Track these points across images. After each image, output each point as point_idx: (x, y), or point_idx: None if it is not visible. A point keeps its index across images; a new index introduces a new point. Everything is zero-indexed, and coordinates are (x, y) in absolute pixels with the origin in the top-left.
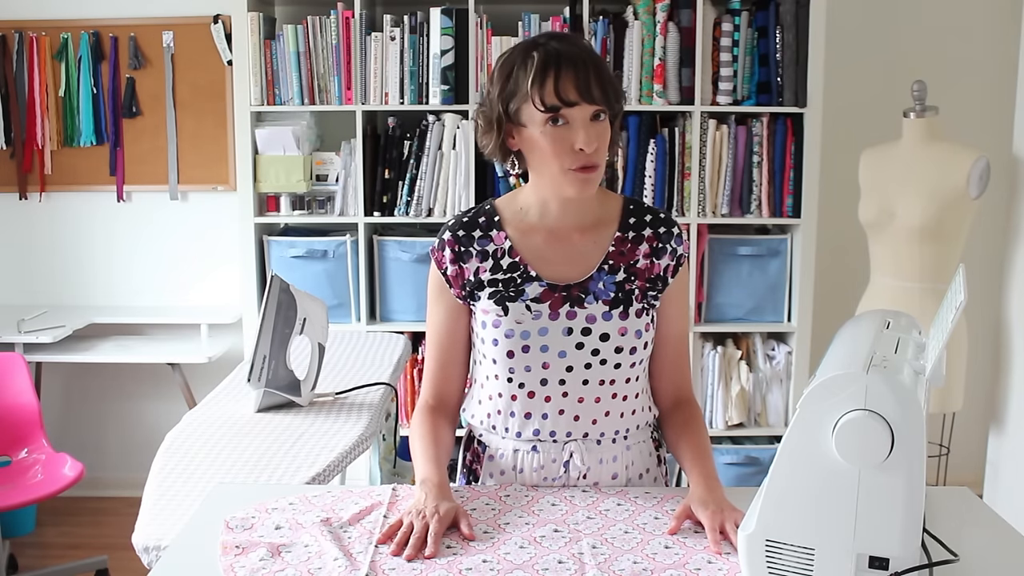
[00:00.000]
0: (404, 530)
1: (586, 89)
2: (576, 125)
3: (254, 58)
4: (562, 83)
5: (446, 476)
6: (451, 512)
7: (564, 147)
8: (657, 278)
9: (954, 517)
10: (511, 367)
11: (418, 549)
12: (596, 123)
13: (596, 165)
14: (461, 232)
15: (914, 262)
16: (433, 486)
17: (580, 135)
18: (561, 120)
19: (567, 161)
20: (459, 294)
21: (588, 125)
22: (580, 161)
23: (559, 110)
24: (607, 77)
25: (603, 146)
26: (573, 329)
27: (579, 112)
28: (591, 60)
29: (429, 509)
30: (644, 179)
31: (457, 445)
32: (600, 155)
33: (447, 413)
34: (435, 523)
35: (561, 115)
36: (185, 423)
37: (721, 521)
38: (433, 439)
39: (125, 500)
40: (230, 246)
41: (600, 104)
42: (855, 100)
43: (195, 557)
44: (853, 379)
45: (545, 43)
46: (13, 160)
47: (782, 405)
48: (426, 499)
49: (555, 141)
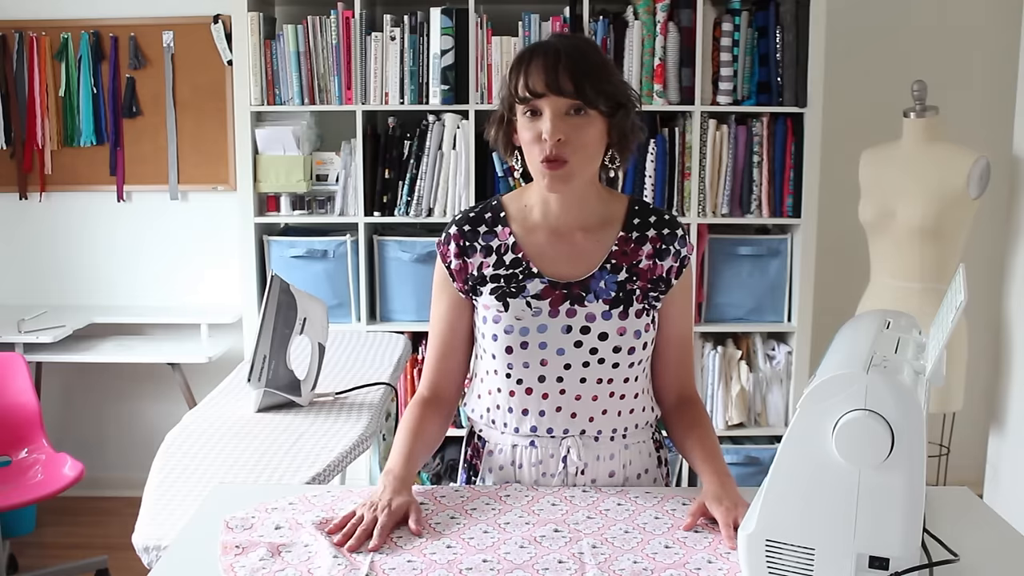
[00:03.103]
0: (354, 521)
1: (553, 81)
2: (545, 116)
3: (254, 58)
4: (532, 75)
5: (413, 470)
6: (403, 507)
7: (536, 138)
8: (660, 279)
9: (954, 517)
10: (509, 363)
11: (361, 541)
12: (573, 117)
13: (562, 160)
14: (467, 227)
15: (914, 262)
16: (393, 479)
17: (545, 125)
18: (537, 112)
19: (536, 152)
20: (462, 288)
21: (559, 117)
22: (545, 152)
23: (529, 101)
24: (588, 72)
25: (577, 141)
26: (572, 327)
27: (548, 104)
28: (570, 54)
29: (382, 502)
30: (644, 179)
31: (459, 441)
32: (569, 150)
33: (440, 407)
34: (384, 516)
35: (534, 106)
36: (185, 423)
37: (735, 517)
38: (414, 432)
39: (125, 500)
40: (230, 246)
41: (571, 97)
42: (855, 100)
43: (195, 557)
44: (853, 379)
45: (542, 41)
46: (13, 160)
47: (782, 405)
48: (382, 492)
49: (530, 133)
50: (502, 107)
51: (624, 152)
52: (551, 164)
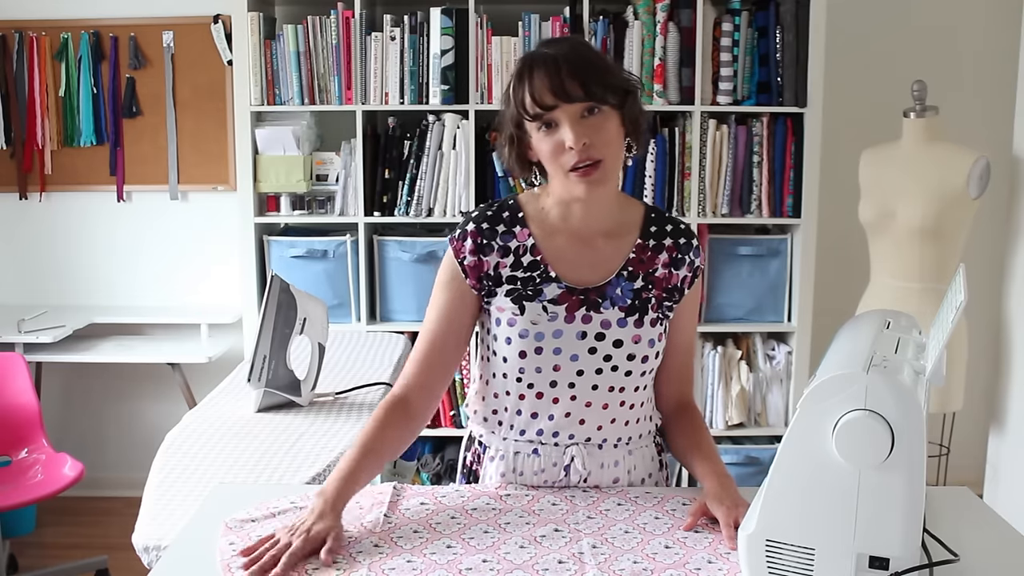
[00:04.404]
0: (268, 545)
1: (560, 90)
2: (563, 125)
3: (254, 58)
4: (538, 89)
5: (348, 492)
6: (321, 534)
7: (559, 149)
8: (674, 289)
9: (954, 517)
10: (522, 367)
11: (265, 569)
12: (589, 118)
13: (595, 160)
14: (485, 225)
15: (914, 262)
16: (323, 502)
17: (567, 134)
18: (552, 124)
19: (565, 162)
20: (475, 285)
21: (577, 122)
22: (574, 159)
23: (542, 116)
24: (591, 71)
25: (601, 139)
26: (587, 333)
27: (562, 113)
28: (568, 59)
29: (303, 527)
30: (644, 179)
31: (458, 445)
32: (599, 149)
33: (408, 413)
34: (299, 542)
35: (548, 119)
36: (185, 423)
37: (736, 517)
38: (366, 446)
39: (125, 500)
40: (230, 246)
41: (582, 100)
42: (855, 100)
43: (195, 557)
44: (853, 379)
45: (534, 52)
46: (13, 160)
47: (782, 405)
48: (308, 515)
49: (550, 145)
50: (509, 126)
51: (639, 137)
52: (584, 170)
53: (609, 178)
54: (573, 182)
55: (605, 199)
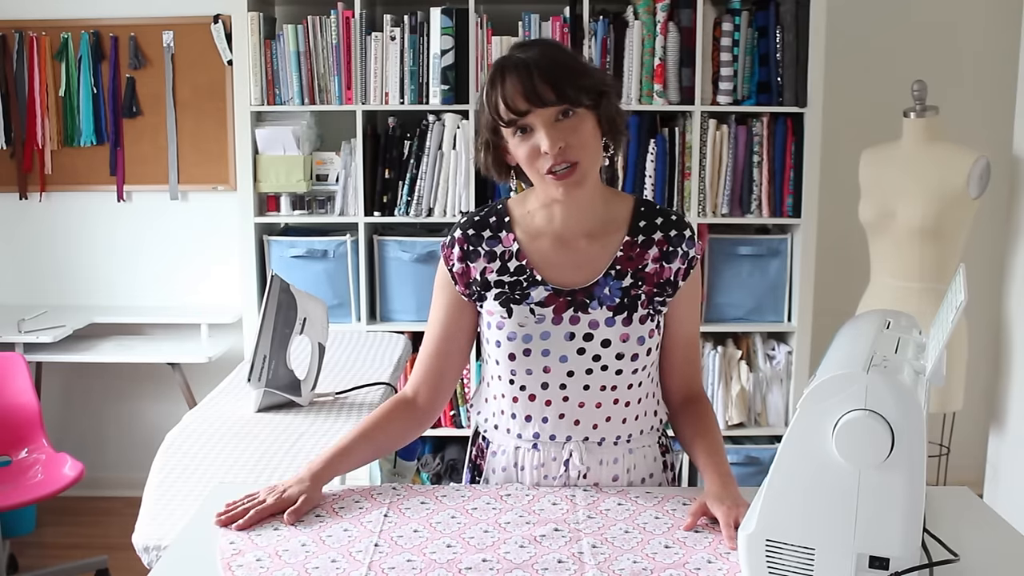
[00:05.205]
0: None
1: (533, 94)
2: (538, 130)
3: (254, 58)
4: (510, 94)
5: (334, 468)
6: (292, 497)
7: (535, 154)
8: (666, 283)
9: (954, 517)
10: (513, 369)
11: (233, 518)
12: (564, 121)
13: (572, 162)
14: (471, 231)
15: (914, 262)
16: (307, 470)
17: (542, 139)
18: (527, 128)
19: (542, 166)
20: (464, 292)
21: (551, 126)
22: (550, 163)
23: (516, 121)
24: (563, 74)
25: (577, 141)
26: (575, 334)
27: (536, 117)
28: (539, 63)
29: (279, 488)
30: (644, 179)
31: (460, 441)
32: (575, 151)
33: (413, 411)
34: (272, 499)
35: (522, 124)
36: (185, 423)
37: (736, 517)
38: (364, 432)
39: (125, 500)
40: (230, 246)
41: (555, 104)
42: (855, 100)
43: (195, 557)
44: (853, 379)
45: (506, 57)
46: (13, 160)
47: (782, 405)
48: (291, 480)
49: (526, 150)
50: (485, 132)
51: (616, 137)
52: (561, 174)
53: (588, 179)
54: (551, 185)
55: (586, 199)
